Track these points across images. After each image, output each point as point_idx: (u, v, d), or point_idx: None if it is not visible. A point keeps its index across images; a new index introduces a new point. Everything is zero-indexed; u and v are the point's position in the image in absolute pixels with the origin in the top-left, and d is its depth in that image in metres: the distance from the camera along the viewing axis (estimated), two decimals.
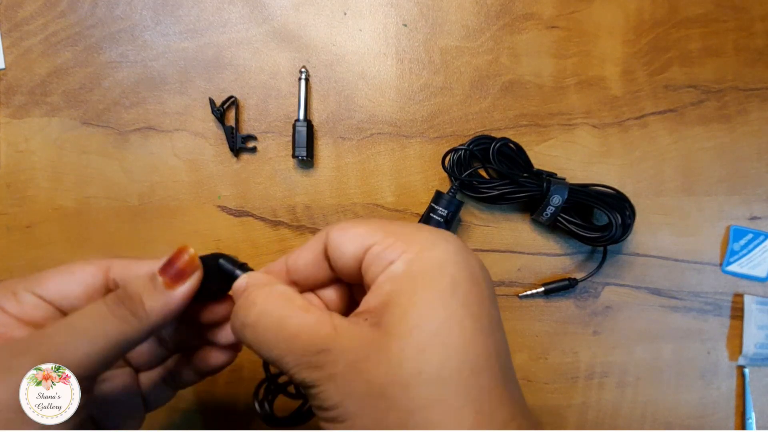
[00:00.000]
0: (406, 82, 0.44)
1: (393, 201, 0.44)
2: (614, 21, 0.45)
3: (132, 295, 0.23)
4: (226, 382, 0.43)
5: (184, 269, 0.24)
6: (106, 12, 0.42)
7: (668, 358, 0.45)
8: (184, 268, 0.24)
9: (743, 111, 0.45)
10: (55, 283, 0.25)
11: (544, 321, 0.45)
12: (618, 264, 0.45)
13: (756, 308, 0.45)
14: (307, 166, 0.43)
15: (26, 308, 0.25)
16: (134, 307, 0.23)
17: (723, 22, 0.45)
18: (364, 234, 0.23)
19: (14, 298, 0.25)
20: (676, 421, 0.45)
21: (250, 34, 0.43)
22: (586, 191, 0.41)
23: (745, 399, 0.45)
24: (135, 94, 0.42)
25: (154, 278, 0.24)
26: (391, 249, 0.22)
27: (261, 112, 0.43)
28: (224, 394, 0.43)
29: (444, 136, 0.44)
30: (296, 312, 0.22)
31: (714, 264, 0.46)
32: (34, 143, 0.42)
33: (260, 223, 0.43)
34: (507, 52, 0.44)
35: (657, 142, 0.45)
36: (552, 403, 0.45)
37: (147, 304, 0.23)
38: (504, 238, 0.44)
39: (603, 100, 0.45)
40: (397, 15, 0.44)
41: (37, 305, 0.25)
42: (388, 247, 0.22)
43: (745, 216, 0.46)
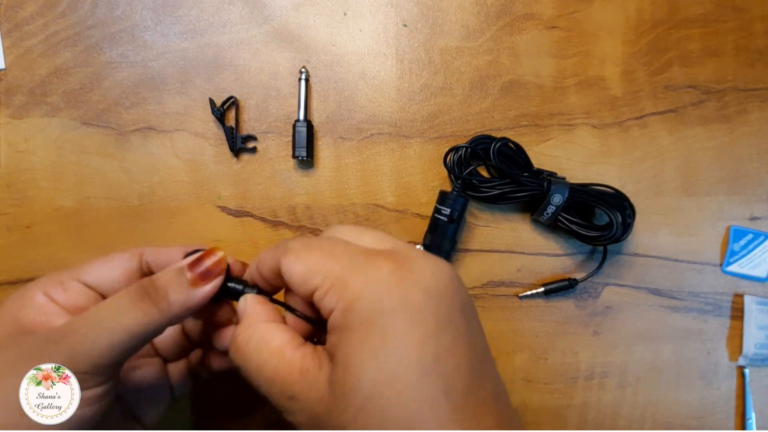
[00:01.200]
0: (406, 82, 0.44)
1: (393, 201, 0.44)
2: (614, 21, 0.45)
3: (158, 287, 0.25)
4: (227, 383, 0.43)
5: (212, 270, 0.26)
6: (106, 12, 0.42)
7: (668, 359, 0.45)
8: (212, 268, 0.26)
9: (743, 111, 0.45)
10: (96, 269, 0.27)
11: (544, 321, 0.45)
12: (618, 264, 0.45)
13: (756, 308, 0.45)
14: (307, 167, 0.43)
15: (72, 295, 0.26)
16: (158, 299, 0.25)
17: (723, 22, 0.45)
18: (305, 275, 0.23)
19: (61, 287, 0.26)
20: (676, 421, 0.45)
21: (250, 34, 0.43)
22: (587, 190, 0.42)
23: (745, 399, 0.45)
24: (135, 95, 0.42)
25: (182, 273, 0.25)
26: (330, 296, 0.22)
27: (261, 113, 0.43)
28: (224, 394, 0.43)
29: (444, 136, 0.44)
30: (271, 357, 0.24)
31: (714, 264, 0.46)
32: (34, 143, 0.42)
33: (260, 223, 0.43)
34: (507, 53, 0.44)
35: (657, 142, 0.45)
36: (552, 404, 0.45)
37: (171, 297, 0.25)
38: (504, 238, 0.44)
39: (603, 100, 0.45)
40: (397, 15, 0.44)
41: (81, 291, 0.27)
42: (326, 293, 0.23)
43: (745, 216, 0.46)
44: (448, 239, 0.41)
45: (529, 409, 0.45)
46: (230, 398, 0.43)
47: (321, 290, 0.23)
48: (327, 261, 0.23)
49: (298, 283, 0.24)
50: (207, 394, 0.43)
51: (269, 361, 0.23)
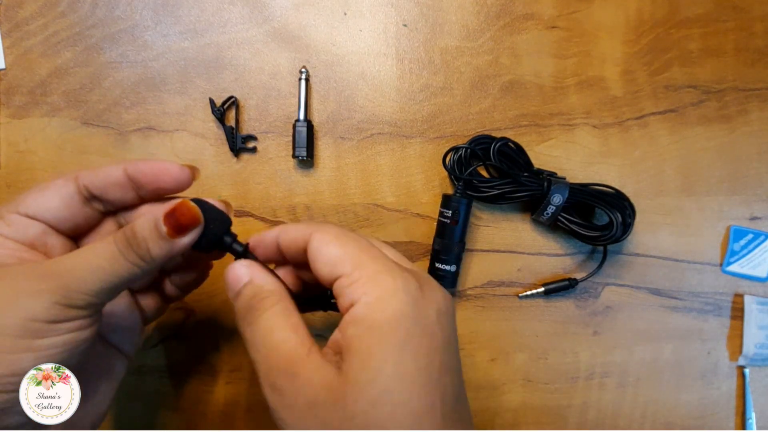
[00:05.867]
0: (406, 82, 0.44)
1: (393, 201, 0.44)
2: (614, 21, 0.45)
3: (140, 240, 0.26)
4: (227, 383, 0.43)
5: (187, 224, 0.26)
6: (106, 12, 0.42)
7: (668, 359, 0.45)
8: (187, 223, 0.26)
9: (743, 111, 0.45)
10: (33, 199, 0.27)
11: (544, 321, 0.45)
12: (618, 264, 0.45)
13: (756, 308, 0.45)
14: (307, 166, 0.43)
15: (17, 228, 0.27)
16: (142, 252, 0.26)
17: (723, 22, 0.45)
18: (335, 259, 0.25)
19: (2, 221, 0.27)
20: (677, 421, 0.45)
21: (250, 34, 0.43)
22: (587, 190, 0.42)
23: (745, 399, 0.45)
24: (135, 95, 0.42)
25: (159, 226, 0.26)
26: (355, 287, 0.24)
27: (261, 112, 0.43)
28: (224, 394, 0.43)
29: (444, 136, 0.44)
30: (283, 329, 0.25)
31: (714, 264, 0.46)
32: (34, 143, 0.42)
33: (260, 223, 0.43)
34: (507, 53, 0.44)
35: (657, 142, 0.45)
36: (552, 404, 0.45)
37: (153, 252, 0.26)
38: (504, 238, 0.44)
39: (603, 100, 0.45)
40: (397, 15, 0.44)
41: (25, 223, 0.27)
42: (353, 283, 0.24)
43: (746, 216, 0.46)
44: (457, 241, 0.41)
45: (529, 409, 0.45)
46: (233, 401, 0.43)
47: (348, 278, 0.24)
48: (362, 254, 0.25)
49: (327, 264, 0.25)
50: (207, 395, 0.43)
51: (280, 332, 0.24)
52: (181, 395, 0.43)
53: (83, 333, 0.25)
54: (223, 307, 0.43)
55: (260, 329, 0.25)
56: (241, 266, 0.28)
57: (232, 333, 0.43)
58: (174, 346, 0.43)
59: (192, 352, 0.43)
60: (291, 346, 0.24)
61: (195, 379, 0.43)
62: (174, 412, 0.43)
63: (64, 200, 0.28)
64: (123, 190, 0.29)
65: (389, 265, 0.25)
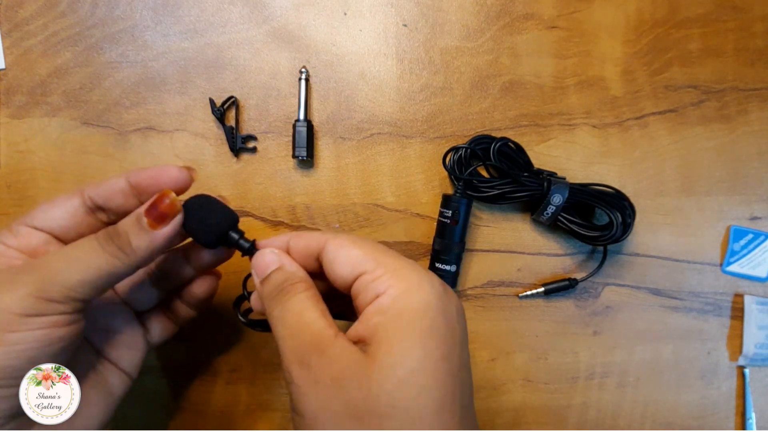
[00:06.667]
0: (406, 82, 0.44)
1: (393, 201, 0.44)
2: (614, 21, 0.45)
3: (121, 233, 0.26)
4: (226, 383, 0.43)
5: (166, 213, 0.27)
6: (106, 12, 0.42)
7: (668, 359, 0.45)
8: (165, 211, 0.27)
9: (743, 111, 0.45)
10: (42, 212, 0.29)
11: (544, 321, 0.45)
12: (618, 264, 0.45)
13: (756, 308, 0.45)
14: (307, 166, 0.43)
15: (23, 239, 0.28)
16: (122, 244, 0.26)
17: (723, 22, 0.45)
18: (356, 259, 0.26)
19: (10, 233, 0.28)
20: (677, 421, 0.45)
21: (250, 34, 0.43)
22: (587, 190, 0.42)
23: (745, 399, 0.45)
24: (135, 94, 0.42)
25: (140, 219, 0.27)
26: (380, 281, 0.25)
27: (261, 112, 0.43)
28: (224, 394, 0.43)
29: (444, 136, 0.44)
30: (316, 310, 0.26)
31: (714, 264, 0.46)
32: (34, 143, 0.42)
33: (260, 223, 0.43)
34: (507, 52, 0.44)
35: (657, 142, 0.45)
36: (552, 404, 0.45)
37: (134, 243, 0.26)
38: (504, 238, 0.44)
39: (603, 100, 0.45)
40: (397, 15, 0.44)
41: (31, 234, 0.28)
42: (377, 278, 0.25)
43: (746, 216, 0.46)
44: (457, 242, 0.41)
45: (529, 409, 0.45)
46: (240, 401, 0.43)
47: (371, 275, 0.25)
48: (382, 254, 0.26)
49: (346, 264, 0.26)
50: (207, 395, 0.43)
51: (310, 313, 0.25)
52: (181, 395, 0.43)
53: (59, 331, 0.25)
54: (223, 307, 0.43)
55: (291, 308, 0.26)
56: (271, 253, 0.29)
57: (232, 333, 0.43)
58: (174, 346, 0.43)
59: (192, 352, 0.43)
60: (321, 326, 0.25)
61: (195, 379, 0.43)
62: (174, 412, 0.43)
63: (68, 211, 0.29)
64: (125, 198, 0.29)
65: (411, 262, 0.26)
